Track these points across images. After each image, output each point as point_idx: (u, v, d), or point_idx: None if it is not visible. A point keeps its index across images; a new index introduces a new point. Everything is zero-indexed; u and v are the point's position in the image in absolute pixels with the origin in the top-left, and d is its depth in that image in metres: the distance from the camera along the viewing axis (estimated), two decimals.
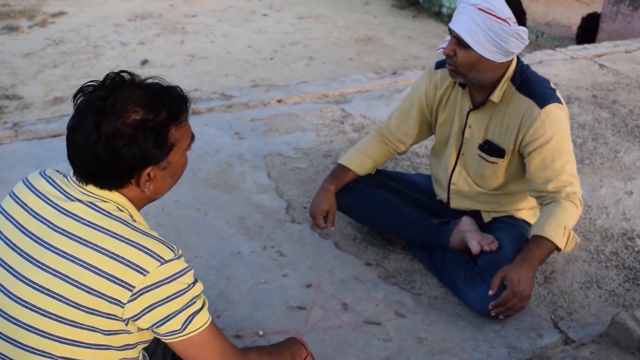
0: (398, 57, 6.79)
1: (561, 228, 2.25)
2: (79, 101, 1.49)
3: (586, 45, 5.56)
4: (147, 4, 8.45)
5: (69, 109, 5.35)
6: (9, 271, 1.47)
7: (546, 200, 2.34)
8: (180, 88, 1.58)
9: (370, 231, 2.78)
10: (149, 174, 1.51)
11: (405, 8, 8.73)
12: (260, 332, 2.25)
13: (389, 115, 2.71)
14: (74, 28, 7.39)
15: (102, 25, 7.53)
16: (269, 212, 2.96)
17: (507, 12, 2.16)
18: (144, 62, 6.32)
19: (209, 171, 3.28)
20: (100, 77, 1.53)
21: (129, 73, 1.53)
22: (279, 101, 4.16)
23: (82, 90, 1.50)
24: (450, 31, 2.24)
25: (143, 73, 1.60)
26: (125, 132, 1.43)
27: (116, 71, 1.54)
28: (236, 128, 3.76)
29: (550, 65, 4.94)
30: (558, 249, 2.27)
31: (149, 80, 1.55)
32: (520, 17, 2.20)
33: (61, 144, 3.58)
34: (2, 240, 1.51)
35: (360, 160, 2.67)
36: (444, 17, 8.26)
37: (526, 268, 2.20)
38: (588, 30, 6.61)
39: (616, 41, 5.73)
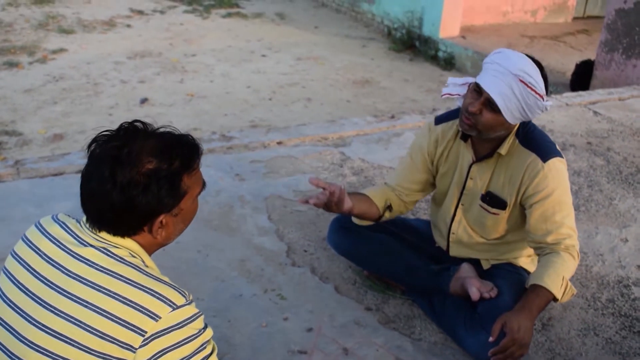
0: (395, 99, 6.88)
1: (559, 279, 2.28)
2: (92, 150, 1.52)
3: (580, 93, 5.66)
4: (147, 42, 8.55)
5: (68, 146, 5.43)
6: (22, 315, 1.49)
7: (545, 251, 2.38)
8: (191, 136, 1.62)
9: (370, 275, 2.81)
10: (161, 221, 1.55)
11: (402, 51, 8.87)
12: None
13: (389, 175, 2.70)
14: (74, 65, 7.47)
15: (102, 62, 7.62)
16: (269, 254, 2.99)
17: (543, 88, 2.22)
18: (144, 101, 6.39)
19: (210, 212, 3.31)
20: (101, 115, 1.58)
21: (142, 122, 1.58)
22: (279, 143, 4.21)
23: (96, 140, 1.53)
24: (479, 89, 2.24)
25: (143, 111, 1.64)
26: (140, 181, 1.47)
27: (129, 121, 1.58)
28: (237, 169, 3.80)
29: (546, 111, 5.02)
30: (555, 299, 2.31)
31: (161, 129, 1.59)
32: (546, 87, 2.26)
33: (63, 182, 3.61)
34: (15, 284, 1.53)
35: (373, 191, 2.61)
36: (440, 61, 8.39)
37: (526, 316, 2.22)
38: (582, 76, 6.73)
39: (610, 89, 5.84)
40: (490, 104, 2.23)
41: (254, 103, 6.56)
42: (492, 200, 2.46)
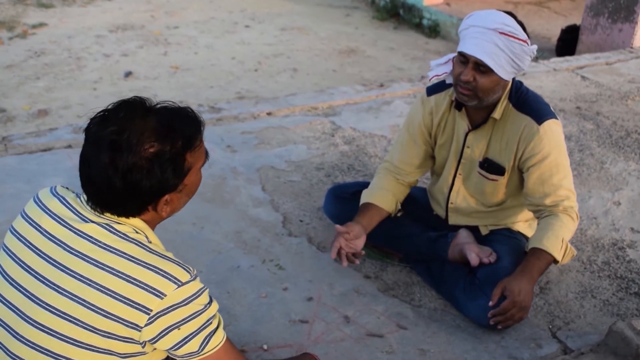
0: (381, 68, 6.83)
1: (559, 241, 2.30)
2: (90, 132, 1.47)
3: (568, 58, 5.66)
4: (128, 15, 8.42)
5: (53, 121, 5.36)
6: (24, 294, 1.47)
7: (544, 214, 2.39)
8: (192, 110, 1.57)
9: (367, 243, 2.80)
10: (166, 199, 1.52)
11: (386, 20, 8.80)
12: (265, 347, 2.26)
13: (390, 152, 2.68)
14: (55, 39, 7.34)
15: (84, 36, 7.49)
16: (265, 225, 2.97)
17: (524, 34, 2.21)
18: (128, 74, 6.30)
19: (204, 185, 3.25)
20: (85, 90, 1.52)
21: (141, 99, 1.52)
22: (268, 114, 4.18)
23: (93, 121, 1.47)
24: (464, 56, 2.22)
25: (127, 85, 1.58)
26: (142, 165, 1.43)
27: (128, 98, 1.52)
28: (228, 141, 3.77)
29: (534, 77, 5.02)
30: (555, 262, 2.32)
31: (159, 105, 1.53)
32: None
33: (52, 158, 3.57)
34: (17, 262, 1.50)
35: (379, 194, 2.58)
36: (425, 29, 8.33)
37: (526, 279, 2.24)
38: (568, 42, 6.70)
39: (596, 53, 5.84)
40: (480, 67, 2.21)
41: (240, 74, 6.49)
42: (490, 167, 2.45)
